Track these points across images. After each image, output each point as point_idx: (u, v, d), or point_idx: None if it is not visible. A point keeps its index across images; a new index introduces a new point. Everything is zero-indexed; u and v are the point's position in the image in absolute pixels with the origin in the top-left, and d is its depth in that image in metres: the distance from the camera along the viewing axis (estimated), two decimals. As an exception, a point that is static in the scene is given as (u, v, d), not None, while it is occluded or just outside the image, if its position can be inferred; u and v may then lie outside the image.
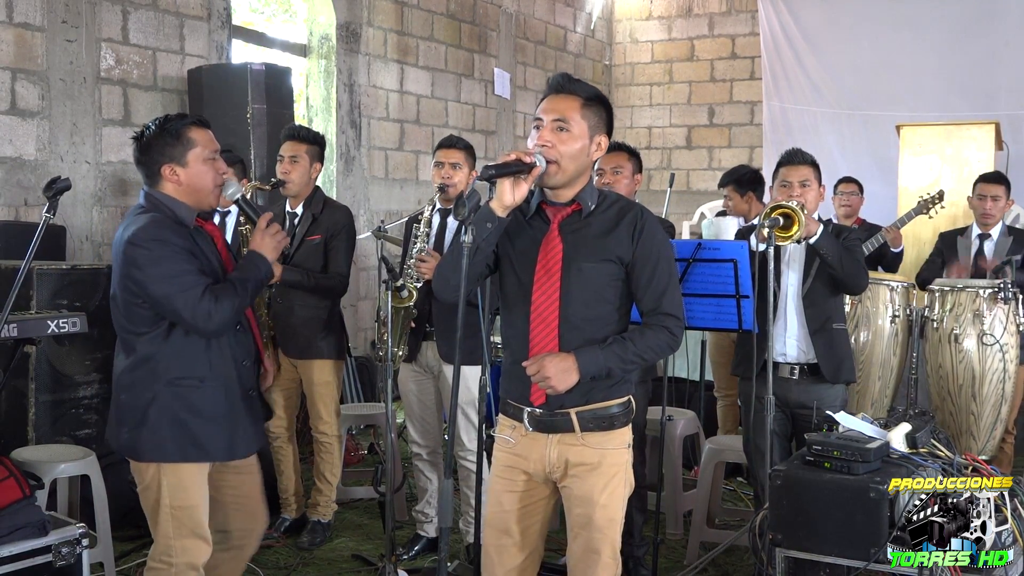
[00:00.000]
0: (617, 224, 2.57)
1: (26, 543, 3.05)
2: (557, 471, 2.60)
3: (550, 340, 2.53)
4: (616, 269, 2.55)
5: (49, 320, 3.63)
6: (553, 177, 2.52)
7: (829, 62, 9.50)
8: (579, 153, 2.54)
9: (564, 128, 2.52)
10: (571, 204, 2.59)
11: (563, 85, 2.57)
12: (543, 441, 2.59)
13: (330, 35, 7.37)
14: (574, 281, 2.54)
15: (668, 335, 2.54)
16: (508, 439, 2.65)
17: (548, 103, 2.56)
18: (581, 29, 10.64)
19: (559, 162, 2.51)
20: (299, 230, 4.29)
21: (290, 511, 4.56)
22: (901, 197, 7.00)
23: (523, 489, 2.64)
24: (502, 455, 2.67)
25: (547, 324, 2.53)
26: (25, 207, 5.21)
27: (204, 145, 2.79)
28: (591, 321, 2.54)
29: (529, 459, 2.61)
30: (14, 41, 5.16)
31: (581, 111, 2.54)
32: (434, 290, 2.69)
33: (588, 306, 2.54)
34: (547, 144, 2.51)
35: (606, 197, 2.64)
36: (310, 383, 4.37)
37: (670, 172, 8.23)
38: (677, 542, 4.54)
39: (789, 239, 3.52)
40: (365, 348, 7.56)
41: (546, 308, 2.54)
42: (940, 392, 4.57)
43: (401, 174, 8.08)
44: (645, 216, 2.59)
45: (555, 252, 2.56)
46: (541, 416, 2.57)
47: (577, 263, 2.54)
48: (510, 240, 2.62)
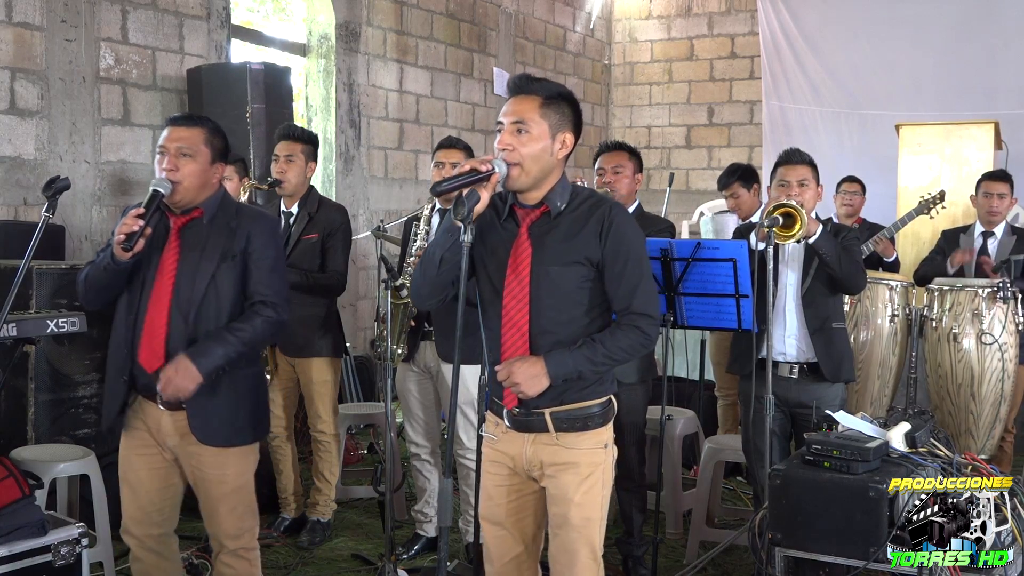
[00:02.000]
0: (585, 224, 2.54)
1: (25, 543, 3.04)
2: (535, 470, 2.61)
3: (521, 344, 2.53)
4: (586, 271, 2.53)
5: (48, 320, 3.62)
6: (517, 180, 2.50)
7: (828, 61, 9.50)
8: (541, 153, 2.51)
9: (523, 130, 2.49)
10: (540, 206, 2.57)
11: (522, 86, 2.55)
12: (520, 440, 2.60)
13: (329, 34, 7.37)
14: (543, 285, 2.52)
15: (639, 334, 2.52)
16: (492, 436, 2.67)
17: (508, 105, 2.54)
18: (580, 28, 10.64)
19: (521, 164, 2.49)
20: (295, 229, 4.30)
21: (289, 511, 4.56)
22: (900, 196, 7.00)
23: (509, 484, 2.65)
24: (488, 450, 2.69)
25: (518, 328, 2.53)
26: (24, 207, 5.21)
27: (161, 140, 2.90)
28: (563, 324, 2.53)
29: (510, 455, 2.63)
30: (13, 40, 5.16)
31: (540, 111, 2.51)
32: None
33: (559, 310, 2.53)
34: (507, 147, 2.49)
35: (577, 195, 2.60)
36: (308, 382, 4.37)
37: (669, 171, 8.24)
38: (676, 541, 4.54)
39: (791, 238, 3.52)
40: (364, 347, 7.56)
41: (516, 312, 2.53)
42: (939, 391, 4.57)
43: (400, 174, 8.08)
44: (613, 213, 2.54)
45: (524, 256, 2.54)
46: (517, 416, 2.58)
47: (545, 267, 2.52)
48: (483, 243, 2.61)
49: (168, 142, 2.86)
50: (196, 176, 2.86)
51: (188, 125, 2.90)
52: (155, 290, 2.81)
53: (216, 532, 2.97)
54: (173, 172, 2.82)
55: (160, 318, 2.81)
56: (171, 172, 2.82)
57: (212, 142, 2.91)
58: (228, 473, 2.91)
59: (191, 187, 2.85)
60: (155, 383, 2.78)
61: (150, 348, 2.81)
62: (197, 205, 2.89)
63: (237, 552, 2.98)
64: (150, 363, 2.80)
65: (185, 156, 2.84)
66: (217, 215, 2.91)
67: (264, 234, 2.94)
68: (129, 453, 2.93)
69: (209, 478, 2.91)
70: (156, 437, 2.89)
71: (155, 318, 2.81)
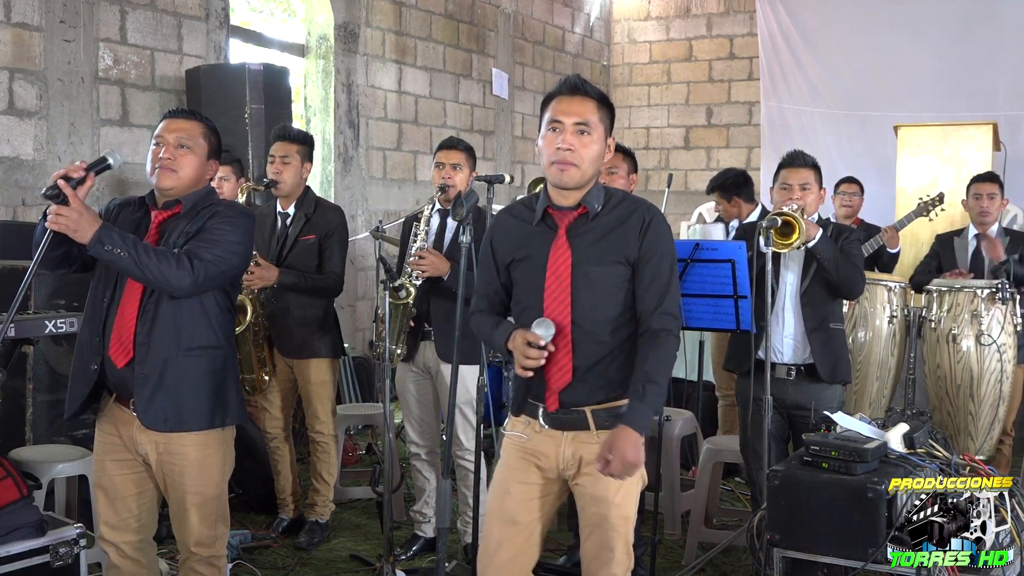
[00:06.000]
0: (623, 224, 2.56)
1: (24, 543, 3.04)
2: (571, 468, 2.60)
3: (564, 346, 2.54)
4: (625, 271, 2.56)
5: (47, 320, 3.62)
6: (572, 180, 2.53)
7: (827, 62, 9.51)
8: (598, 156, 2.56)
9: (586, 131, 2.52)
10: (577, 207, 2.59)
11: (579, 86, 2.56)
12: (558, 438, 2.60)
13: (328, 35, 7.37)
14: (583, 286, 2.54)
15: (670, 337, 2.55)
16: (521, 435, 2.66)
17: (566, 105, 2.54)
18: (579, 29, 10.65)
19: (580, 165, 2.51)
20: (292, 230, 4.30)
21: (287, 511, 4.55)
22: (899, 197, 7.00)
23: (535, 482, 2.64)
24: (515, 449, 2.67)
25: (559, 330, 2.53)
26: (23, 207, 5.21)
27: (157, 131, 2.87)
28: (602, 324, 2.55)
29: (543, 455, 2.62)
30: (12, 41, 5.15)
31: (598, 113, 2.55)
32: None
33: (598, 310, 2.55)
34: (571, 147, 2.50)
35: (612, 196, 2.63)
36: (306, 382, 4.37)
37: (668, 172, 8.23)
38: (675, 542, 4.54)
39: (789, 247, 3.53)
40: (363, 348, 7.56)
41: (559, 314, 2.54)
42: (938, 392, 4.57)
43: (399, 174, 8.08)
44: (652, 213, 2.59)
45: (564, 258, 2.56)
46: (556, 413, 2.58)
47: (585, 268, 2.55)
48: (514, 251, 2.63)
49: (166, 132, 2.83)
50: (194, 168, 2.83)
51: (186, 118, 2.88)
52: (129, 283, 2.76)
53: (185, 539, 2.89)
54: (170, 162, 2.79)
55: (131, 310, 2.75)
56: (168, 162, 2.79)
57: (209, 137, 2.89)
58: (189, 469, 2.80)
59: (187, 178, 2.82)
60: (126, 380, 2.74)
61: (119, 341, 2.75)
62: (179, 199, 2.85)
63: (209, 560, 2.91)
64: (118, 357, 2.75)
65: (183, 147, 2.81)
66: (194, 207, 2.86)
67: (227, 216, 2.83)
68: (102, 459, 2.88)
69: (173, 475, 2.81)
70: (127, 442, 2.84)
71: (126, 311, 2.76)
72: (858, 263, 3.71)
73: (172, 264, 2.67)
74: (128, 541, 2.90)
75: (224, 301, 2.89)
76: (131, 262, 2.61)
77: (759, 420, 3.54)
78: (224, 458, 2.91)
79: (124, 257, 2.60)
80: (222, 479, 2.91)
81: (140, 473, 2.88)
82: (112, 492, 2.87)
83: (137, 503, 2.89)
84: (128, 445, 2.84)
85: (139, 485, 2.89)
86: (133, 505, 2.89)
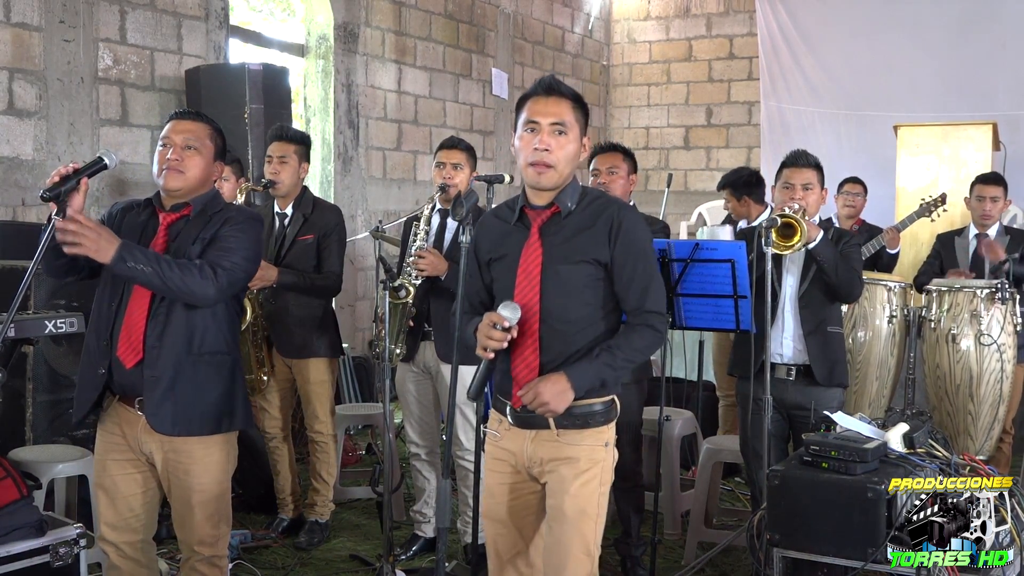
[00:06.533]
0: (593, 224, 2.57)
1: (23, 543, 3.03)
2: (536, 467, 2.61)
3: (531, 343, 2.54)
4: (594, 270, 2.56)
5: (47, 320, 3.61)
6: (550, 181, 2.55)
7: (827, 62, 9.51)
8: (574, 156, 2.58)
9: (563, 131, 2.54)
10: (550, 206, 2.60)
11: (554, 87, 2.58)
12: (523, 436, 2.61)
13: (328, 35, 7.37)
14: (552, 284, 2.55)
15: (653, 333, 2.56)
16: (495, 433, 2.68)
17: (542, 105, 2.56)
18: (579, 29, 10.64)
19: (556, 166, 2.53)
20: (289, 230, 4.30)
21: (287, 511, 4.55)
22: (899, 197, 7.00)
23: (511, 481, 2.65)
24: (491, 448, 2.70)
25: (528, 327, 2.54)
26: (23, 207, 5.20)
27: (164, 132, 2.87)
28: (571, 323, 2.55)
29: (513, 453, 2.63)
30: (11, 41, 5.15)
31: (573, 113, 2.57)
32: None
33: (567, 308, 2.55)
34: (547, 147, 2.51)
35: (586, 195, 2.64)
36: (305, 382, 4.37)
37: (668, 172, 8.23)
38: (675, 542, 4.54)
39: (790, 249, 3.53)
40: (363, 348, 7.56)
41: (527, 311, 2.54)
42: (937, 392, 4.57)
43: (399, 174, 8.08)
44: (623, 214, 2.57)
45: (535, 256, 2.57)
46: (520, 412, 2.58)
47: (555, 266, 2.55)
48: (495, 250, 2.65)
49: (173, 134, 2.83)
50: (201, 170, 2.84)
51: (193, 119, 2.89)
52: (136, 286, 2.75)
53: (188, 538, 2.89)
54: (178, 163, 2.80)
55: (140, 312, 2.75)
56: (176, 163, 2.79)
57: (215, 139, 2.90)
58: (194, 468, 2.81)
59: (194, 179, 2.83)
60: (134, 381, 2.74)
61: (128, 342, 2.75)
62: (188, 202, 2.85)
63: (211, 560, 2.91)
64: (128, 358, 2.75)
65: (191, 149, 2.82)
66: (204, 210, 2.86)
67: (239, 221, 2.85)
68: (104, 458, 2.88)
69: (178, 474, 2.82)
70: (131, 442, 2.84)
71: (134, 313, 2.76)
72: (857, 267, 3.71)
73: (196, 275, 2.69)
74: (128, 541, 2.90)
75: (235, 307, 2.92)
76: (155, 276, 2.63)
77: (759, 420, 3.54)
78: (228, 457, 2.92)
79: (148, 272, 2.62)
80: (226, 478, 2.93)
81: (142, 473, 2.88)
82: (113, 492, 2.87)
83: (138, 503, 2.90)
84: (132, 445, 2.85)
85: (140, 485, 2.89)
86: (134, 505, 2.89)
